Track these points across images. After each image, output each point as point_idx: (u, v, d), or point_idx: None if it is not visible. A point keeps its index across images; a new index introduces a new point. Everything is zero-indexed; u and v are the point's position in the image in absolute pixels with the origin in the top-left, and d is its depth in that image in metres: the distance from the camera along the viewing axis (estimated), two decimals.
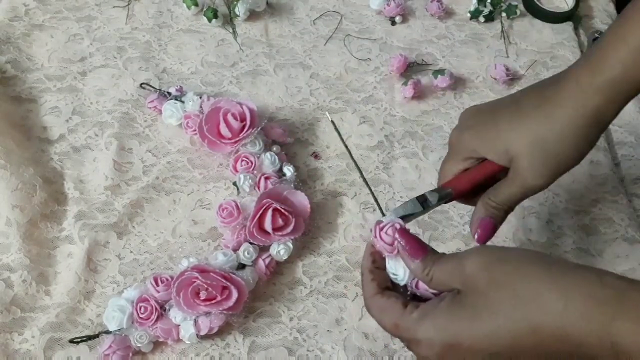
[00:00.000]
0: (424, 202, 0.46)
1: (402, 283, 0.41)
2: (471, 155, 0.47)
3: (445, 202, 0.48)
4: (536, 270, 0.32)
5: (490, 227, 0.46)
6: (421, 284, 0.40)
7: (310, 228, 0.63)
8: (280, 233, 0.58)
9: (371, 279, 0.41)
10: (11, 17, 0.76)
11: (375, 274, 0.41)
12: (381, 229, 0.41)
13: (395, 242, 0.40)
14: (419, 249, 0.39)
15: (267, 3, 0.81)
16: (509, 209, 0.46)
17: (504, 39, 0.81)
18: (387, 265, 0.42)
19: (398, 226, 0.41)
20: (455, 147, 0.48)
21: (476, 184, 0.48)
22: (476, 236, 0.46)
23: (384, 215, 0.44)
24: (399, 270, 0.41)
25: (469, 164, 0.47)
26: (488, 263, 0.34)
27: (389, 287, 0.41)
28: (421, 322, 0.35)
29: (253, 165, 0.63)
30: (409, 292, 0.41)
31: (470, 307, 0.33)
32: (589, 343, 0.30)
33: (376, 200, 0.48)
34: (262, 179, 0.62)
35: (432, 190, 0.47)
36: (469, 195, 0.49)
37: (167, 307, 0.55)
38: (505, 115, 0.45)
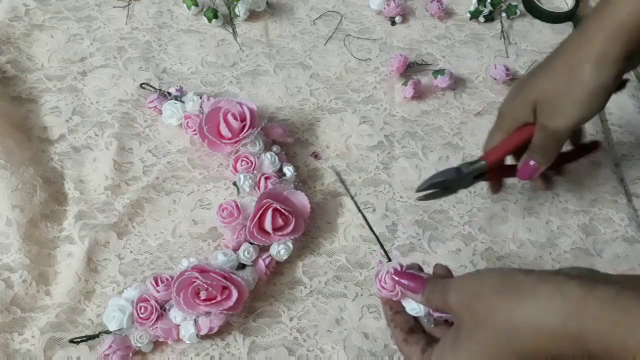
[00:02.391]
0: (459, 171, 0.52)
1: (421, 315, 0.44)
2: (515, 117, 0.52)
3: (483, 176, 0.54)
4: (504, 302, 0.34)
5: (528, 166, 0.52)
6: None
7: (310, 228, 0.63)
8: (280, 233, 0.58)
9: (394, 326, 0.44)
10: (11, 17, 0.76)
11: (396, 320, 0.44)
12: (380, 280, 0.45)
13: (396, 288, 0.43)
14: (416, 284, 0.42)
15: (267, 3, 0.81)
16: (543, 154, 0.51)
17: (504, 39, 0.81)
18: (405, 306, 0.45)
19: (392, 270, 0.44)
20: (501, 113, 0.54)
21: (508, 152, 0.53)
22: (522, 177, 0.53)
23: (389, 260, 0.47)
24: (414, 305, 0.44)
25: (515, 128, 0.52)
26: (465, 301, 0.37)
27: (412, 327, 0.44)
28: None
29: (253, 165, 0.63)
30: (431, 319, 0.44)
31: (465, 347, 0.37)
32: (567, 353, 0.32)
33: (382, 247, 0.49)
34: (262, 179, 0.62)
35: (466, 162, 0.53)
36: (509, 169, 0.55)
37: (167, 307, 0.55)
38: (536, 75, 0.51)
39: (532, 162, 0.52)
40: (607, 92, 0.46)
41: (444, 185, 0.54)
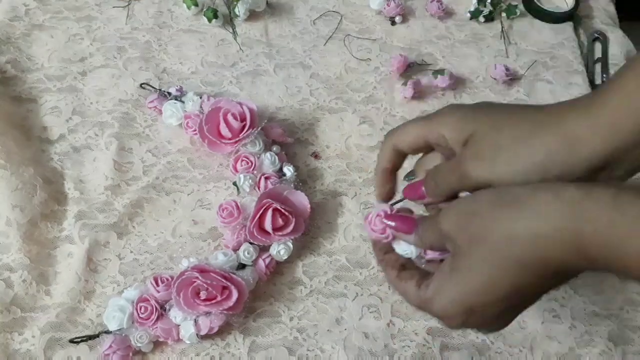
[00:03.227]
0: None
1: (413, 257, 0.42)
2: (438, 129, 0.40)
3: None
4: (501, 214, 0.33)
5: (415, 188, 0.42)
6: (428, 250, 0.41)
7: (310, 228, 0.63)
8: (280, 233, 0.58)
9: (385, 265, 0.42)
10: (11, 17, 0.76)
11: (387, 259, 0.42)
12: (370, 223, 0.43)
13: (387, 230, 0.41)
14: (408, 225, 0.40)
15: (267, 3, 0.81)
16: (444, 191, 0.41)
17: (504, 39, 0.81)
18: (396, 248, 0.43)
19: (382, 213, 0.42)
20: (432, 115, 0.41)
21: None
22: (404, 193, 0.43)
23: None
24: (404, 248, 0.42)
25: (423, 135, 0.41)
26: (461, 222, 0.35)
27: (404, 264, 0.42)
28: (435, 301, 0.37)
29: (253, 165, 0.63)
30: (423, 260, 0.42)
31: (464, 270, 0.35)
32: (567, 260, 0.32)
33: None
34: (262, 179, 0.62)
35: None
36: None
37: (168, 307, 0.55)
38: (494, 109, 0.40)
39: (422, 188, 0.42)
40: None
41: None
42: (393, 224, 0.41)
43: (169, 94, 0.69)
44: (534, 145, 0.36)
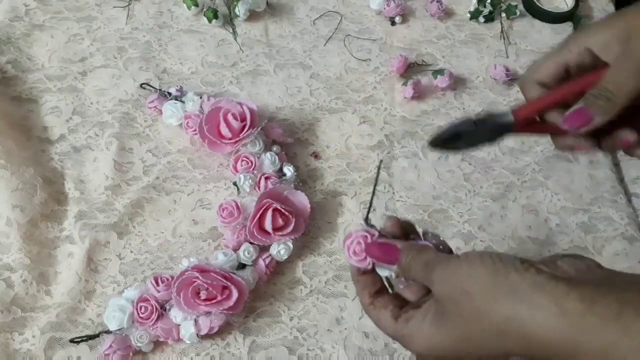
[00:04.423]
0: (479, 123, 0.41)
1: (394, 276, 0.41)
2: (580, 46, 0.40)
3: (508, 132, 0.42)
4: (497, 306, 0.33)
5: (581, 114, 0.38)
6: None
7: (310, 228, 0.63)
8: (280, 233, 0.58)
9: (361, 288, 0.41)
10: (11, 17, 0.76)
11: (362, 281, 0.41)
12: (349, 248, 0.40)
13: (367, 258, 0.40)
14: (391, 256, 0.39)
15: (267, 3, 0.81)
16: (613, 95, 0.38)
17: (504, 39, 0.81)
18: (375, 267, 0.41)
19: (362, 241, 0.40)
20: (566, 41, 0.41)
21: (546, 108, 0.41)
22: (565, 125, 0.39)
23: (367, 224, 0.42)
24: (384, 271, 0.41)
25: (576, 59, 0.40)
26: (453, 296, 0.35)
27: (379, 289, 0.41)
28: (413, 340, 0.37)
29: (253, 165, 0.63)
30: (402, 280, 0.41)
31: (447, 330, 0.35)
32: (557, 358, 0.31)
33: (371, 204, 0.46)
34: (262, 179, 0.62)
35: (493, 114, 0.41)
36: (543, 125, 0.43)
37: (168, 307, 0.55)
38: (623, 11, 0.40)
39: (587, 112, 0.38)
40: None
41: (457, 135, 0.43)
42: (375, 255, 0.39)
43: (169, 94, 0.69)
44: None
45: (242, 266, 0.58)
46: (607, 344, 0.29)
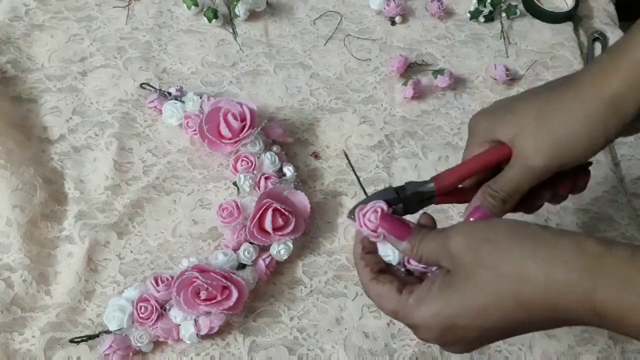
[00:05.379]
0: (401, 191, 0.44)
1: (394, 262, 0.41)
2: (485, 137, 0.44)
3: (430, 200, 0.45)
4: (518, 246, 0.33)
5: (478, 214, 0.43)
6: (412, 260, 0.40)
7: (310, 228, 0.63)
8: (280, 233, 0.58)
9: (364, 265, 0.41)
10: (11, 17, 0.76)
11: (367, 259, 0.41)
12: (364, 216, 0.41)
13: (379, 229, 0.40)
14: (402, 230, 0.39)
15: (267, 3, 0.81)
16: (508, 197, 0.42)
17: (504, 39, 0.81)
18: (378, 248, 0.42)
19: (379, 210, 0.40)
20: (472, 130, 0.46)
21: (464, 177, 0.45)
22: (469, 218, 0.44)
23: (367, 196, 0.43)
24: (388, 252, 0.41)
25: (484, 148, 0.45)
26: (472, 244, 0.35)
27: (383, 268, 0.41)
28: (417, 309, 0.36)
29: (253, 165, 0.63)
30: (403, 269, 0.41)
31: (460, 289, 0.35)
32: (574, 309, 0.32)
33: (360, 183, 0.47)
34: (262, 179, 0.62)
35: (414, 182, 0.45)
36: (463, 194, 0.46)
37: (168, 307, 0.55)
38: (521, 100, 0.44)
39: (485, 209, 0.43)
40: (608, 138, 0.40)
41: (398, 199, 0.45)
42: (388, 225, 0.39)
43: (169, 94, 0.69)
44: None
45: (242, 266, 0.58)
46: (622, 282, 0.30)
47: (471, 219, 0.43)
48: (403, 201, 0.44)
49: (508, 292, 0.33)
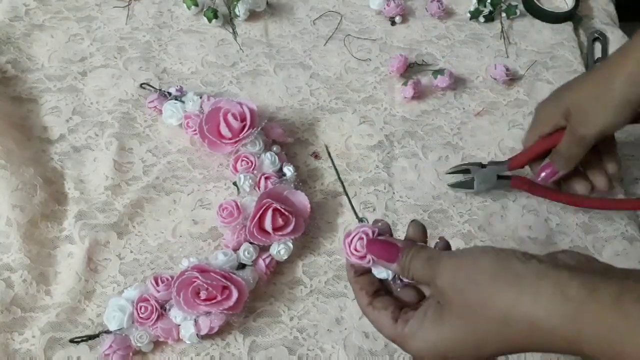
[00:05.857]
0: (482, 165, 0.65)
1: (389, 278, 0.41)
2: (548, 120, 0.57)
3: (506, 179, 0.64)
4: (501, 292, 0.33)
5: (549, 169, 0.58)
6: None
7: (310, 228, 0.63)
8: (280, 233, 0.58)
9: (359, 288, 0.41)
10: (11, 17, 0.76)
11: (361, 282, 0.42)
12: (349, 245, 0.41)
13: (367, 255, 0.40)
14: (391, 253, 0.39)
15: (267, 3, 0.81)
16: (568, 158, 0.57)
17: (504, 39, 0.81)
18: (372, 268, 0.42)
19: (364, 237, 0.40)
20: (536, 115, 0.60)
21: (532, 158, 0.61)
22: (538, 177, 0.60)
23: (359, 219, 0.44)
24: (381, 273, 0.41)
25: (547, 130, 0.58)
26: (458, 285, 0.35)
27: (379, 288, 0.42)
28: (413, 341, 0.38)
29: (253, 165, 0.63)
30: (399, 282, 0.41)
31: (451, 324, 0.36)
32: (563, 350, 0.32)
33: (351, 203, 0.53)
34: (262, 179, 0.62)
35: (492, 161, 0.65)
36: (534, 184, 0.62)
37: (168, 307, 0.55)
38: (573, 83, 0.57)
39: (552, 166, 0.58)
40: (632, 107, 0.51)
41: (469, 172, 0.65)
42: (376, 250, 0.40)
43: (169, 94, 0.69)
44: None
45: (242, 266, 0.58)
46: (607, 329, 0.30)
47: (542, 174, 0.59)
48: (486, 173, 0.64)
49: (497, 334, 0.34)
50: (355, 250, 0.41)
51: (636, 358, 0.29)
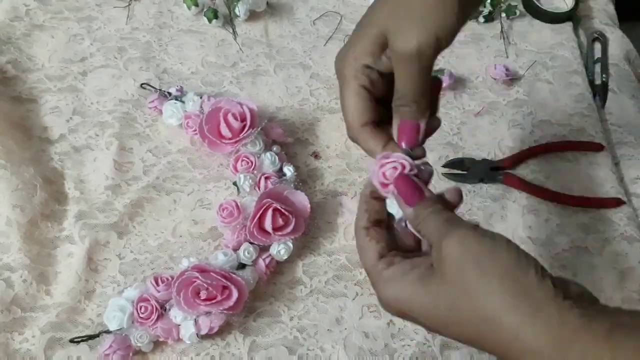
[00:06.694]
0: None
1: (396, 217, 0.40)
2: (362, 56, 0.41)
3: (498, 170, 0.68)
4: (504, 295, 0.32)
5: (406, 126, 0.39)
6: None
7: (310, 228, 0.63)
8: (280, 233, 0.58)
9: (365, 209, 0.40)
10: (12, 17, 0.76)
11: (370, 204, 0.40)
12: (383, 166, 0.38)
13: (390, 186, 0.38)
14: (414, 196, 0.37)
15: (267, 3, 0.81)
16: (415, 98, 0.38)
17: (504, 39, 0.81)
18: (387, 201, 0.40)
19: (399, 168, 0.37)
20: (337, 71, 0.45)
21: (525, 158, 0.68)
22: (402, 144, 0.40)
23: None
24: (392, 209, 0.39)
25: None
26: (463, 263, 0.33)
27: (381, 219, 0.40)
28: (385, 285, 0.36)
29: (253, 165, 0.63)
30: (403, 224, 0.40)
31: (431, 292, 0.34)
32: None
33: None
34: (262, 179, 0.62)
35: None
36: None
37: (168, 307, 0.55)
38: (377, 3, 0.40)
39: (407, 121, 0.40)
40: (457, 4, 0.37)
41: (464, 165, 0.67)
42: (402, 186, 0.37)
43: (169, 94, 0.69)
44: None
45: (242, 266, 0.58)
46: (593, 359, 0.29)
47: (403, 142, 0.40)
48: (479, 166, 0.67)
49: (474, 326, 0.32)
50: (384, 176, 0.38)
51: None
